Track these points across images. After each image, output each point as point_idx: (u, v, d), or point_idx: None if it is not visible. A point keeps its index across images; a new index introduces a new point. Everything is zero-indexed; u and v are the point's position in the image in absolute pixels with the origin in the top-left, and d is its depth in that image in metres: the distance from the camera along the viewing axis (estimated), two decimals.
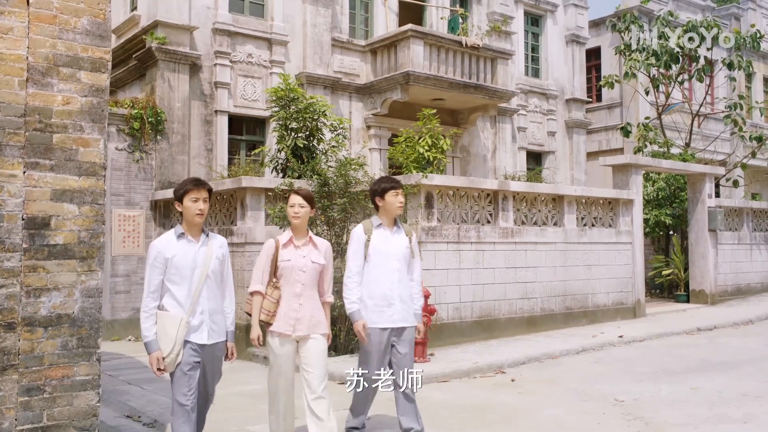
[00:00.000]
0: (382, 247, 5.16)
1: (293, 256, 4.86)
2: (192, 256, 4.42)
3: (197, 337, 4.41)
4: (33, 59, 4.39)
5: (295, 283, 4.84)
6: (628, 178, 13.58)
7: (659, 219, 16.77)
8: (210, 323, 4.46)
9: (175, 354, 4.32)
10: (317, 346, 4.87)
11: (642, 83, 19.71)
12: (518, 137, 19.18)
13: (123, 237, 12.45)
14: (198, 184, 4.48)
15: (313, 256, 4.91)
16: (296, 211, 4.88)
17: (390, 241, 5.20)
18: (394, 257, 5.17)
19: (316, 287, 4.95)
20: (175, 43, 13.08)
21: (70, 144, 4.52)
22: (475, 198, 10.83)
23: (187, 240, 4.48)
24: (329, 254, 5.06)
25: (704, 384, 7.82)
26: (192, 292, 4.39)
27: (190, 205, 4.43)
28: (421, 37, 14.95)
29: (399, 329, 5.16)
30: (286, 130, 11.56)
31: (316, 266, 4.89)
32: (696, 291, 15.64)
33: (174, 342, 4.31)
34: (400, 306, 5.15)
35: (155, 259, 4.42)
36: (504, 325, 10.88)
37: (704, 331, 12.00)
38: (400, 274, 5.18)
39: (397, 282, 5.15)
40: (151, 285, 4.41)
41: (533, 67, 20.00)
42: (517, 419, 6.43)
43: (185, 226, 4.51)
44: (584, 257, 12.32)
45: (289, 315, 4.81)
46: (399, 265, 5.18)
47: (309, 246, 4.93)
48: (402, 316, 5.15)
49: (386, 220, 5.25)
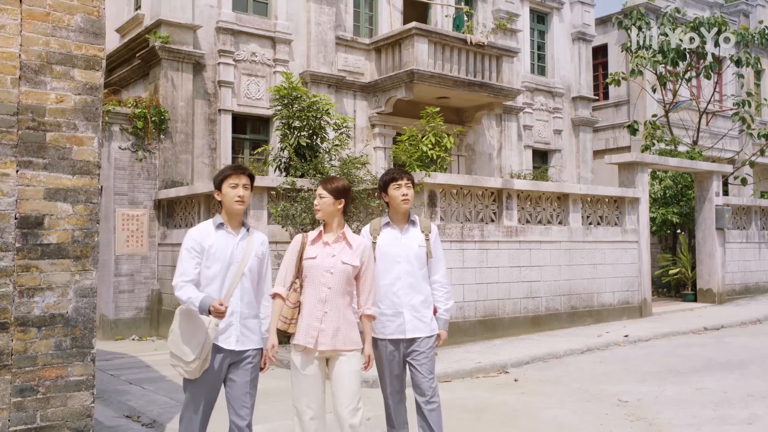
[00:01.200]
0: (388, 248, 4.51)
1: (320, 254, 4.14)
2: (230, 249, 4.01)
3: (225, 342, 3.95)
4: (26, 57, 4.35)
5: (320, 286, 4.10)
6: (634, 176, 13.47)
7: (666, 217, 16.65)
8: (240, 327, 3.99)
9: (201, 360, 3.82)
10: (346, 367, 4.08)
11: (649, 81, 19.58)
12: (524, 135, 19.07)
13: (126, 236, 12.45)
14: (238, 169, 4.10)
15: (345, 256, 4.14)
16: (316, 203, 4.24)
17: (399, 241, 4.53)
18: (404, 259, 4.49)
19: (347, 294, 4.18)
20: (179, 42, 13.06)
21: (63, 142, 4.49)
22: (479, 196, 10.76)
23: (227, 231, 4.06)
24: (368, 255, 4.25)
25: (710, 384, 7.72)
26: (224, 290, 3.96)
27: (229, 191, 4.03)
28: (426, 35, 14.87)
29: (410, 340, 4.47)
30: (289, 128, 11.53)
31: (346, 268, 4.12)
32: (703, 290, 15.51)
33: (202, 346, 3.81)
34: (410, 315, 4.45)
35: (192, 247, 3.98)
36: (508, 324, 10.81)
37: (711, 331, 11.89)
38: (411, 278, 4.47)
39: (406, 287, 4.46)
40: (186, 275, 3.93)
41: (539, 65, 19.89)
42: (517, 420, 6.36)
43: (225, 216, 4.10)
44: (590, 256, 12.23)
45: (312, 325, 4.07)
46: (409, 268, 4.48)
47: (341, 244, 4.18)
48: (413, 326, 4.46)
49: (396, 217, 4.60)
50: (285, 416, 6.13)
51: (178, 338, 3.87)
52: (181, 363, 3.86)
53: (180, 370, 3.90)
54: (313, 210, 9.81)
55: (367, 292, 4.22)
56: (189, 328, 3.86)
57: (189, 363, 3.82)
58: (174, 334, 3.91)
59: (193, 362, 3.81)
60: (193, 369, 3.83)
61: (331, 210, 4.18)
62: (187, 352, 3.81)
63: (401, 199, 4.50)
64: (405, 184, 4.51)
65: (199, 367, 3.84)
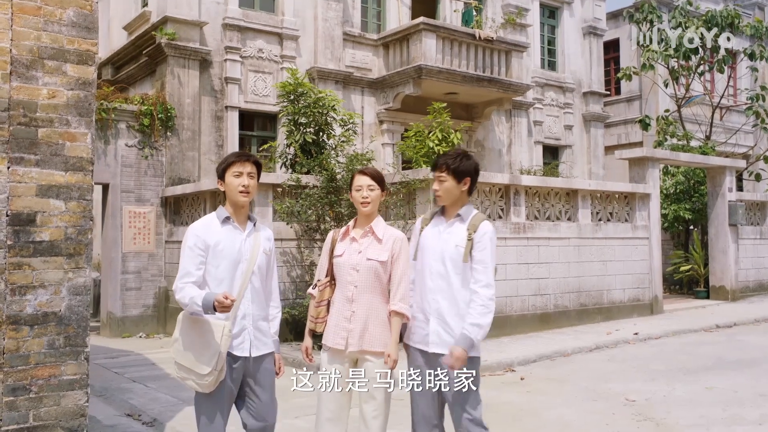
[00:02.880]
0: (426, 242, 3.88)
1: (346, 251, 3.87)
2: (238, 246, 3.66)
3: (238, 349, 3.62)
4: (17, 52, 4.30)
5: (347, 284, 3.83)
6: (645, 172, 13.29)
7: (678, 214, 16.44)
8: (253, 331, 3.68)
9: (218, 371, 3.48)
10: (372, 369, 3.80)
11: (661, 75, 19.33)
12: (534, 131, 18.90)
13: (133, 234, 12.43)
14: (242, 155, 3.72)
15: (372, 252, 3.82)
16: (365, 196, 3.81)
17: (440, 235, 3.85)
18: (438, 257, 3.80)
19: (378, 291, 3.84)
20: (185, 39, 13.01)
21: (56, 138, 4.43)
22: (486, 193, 10.64)
23: (233, 226, 3.71)
24: (399, 249, 3.86)
25: (720, 383, 7.57)
26: (234, 291, 3.61)
27: (233, 180, 3.65)
28: (434, 30, 14.75)
29: (434, 355, 3.77)
30: (295, 125, 11.46)
31: (372, 264, 3.80)
32: (716, 287, 15.30)
33: (217, 356, 3.45)
34: (436, 325, 3.76)
35: (195, 244, 3.61)
36: (515, 322, 10.69)
37: (723, 329, 11.70)
38: (442, 281, 3.77)
39: (436, 292, 3.78)
40: (188, 276, 3.57)
41: (549, 60, 19.70)
42: (521, 419, 6.25)
43: (230, 209, 3.73)
44: (599, 253, 12.08)
45: (340, 325, 3.82)
46: (441, 269, 3.78)
47: (369, 238, 3.86)
48: (438, 338, 3.75)
49: (445, 209, 3.94)
50: (289, 414, 6.05)
51: (187, 349, 3.52)
52: (193, 376, 3.51)
53: (191, 383, 3.54)
54: (318, 206, 9.76)
55: (396, 286, 3.83)
56: (200, 338, 3.50)
57: (204, 376, 3.47)
58: (181, 344, 3.56)
59: (209, 375, 3.46)
60: (209, 382, 3.48)
61: (378, 203, 3.89)
62: (201, 364, 3.47)
63: (435, 195, 3.90)
64: (437, 176, 3.84)
65: (215, 379, 3.49)
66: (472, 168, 3.82)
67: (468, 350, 3.61)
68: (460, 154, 3.84)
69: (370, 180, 3.84)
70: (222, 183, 3.73)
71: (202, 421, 3.63)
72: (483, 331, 3.65)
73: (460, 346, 3.59)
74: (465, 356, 3.59)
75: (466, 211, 3.83)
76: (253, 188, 3.70)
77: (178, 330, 3.61)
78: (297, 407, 6.11)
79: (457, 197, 3.82)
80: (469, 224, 3.77)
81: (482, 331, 3.65)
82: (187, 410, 6.63)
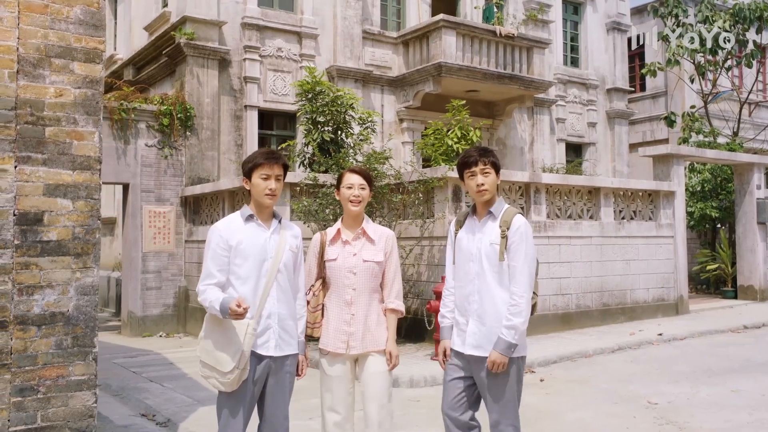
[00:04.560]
0: (463, 243, 3.81)
1: (340, 255, 3.85)
2: (262, 244, 3.60)
3: (262, 348, 3.56)
4: (23, 50, 4.27)
5: (345, 288, 3.83)
6: (670, 169, 13.02)
7: (705, 212, 16.11)
8: (279, 330, 3.60)
9: (240, 369, 3.43)
10: (375, 367, 3.82)
11: (687, 71, 18.96)
12: (557, 129, 18.66)
13: (153, 233, 12.47)
14: (270, 158, 3.62)
15: (367, 254, 3.84)
16: (356, 194, 3.81)
17: (474, 235, 3.77)
18: (474, 258, 3.72)
19: (375, 291, 3.88)
20: (204, 39, 13.03)
21: (63, 137, 4.40)
22: (505, 191, 10.48)
23: (257, 224, 3.65)
24: (391, 247, 3.91)
25: (746, 386, 7.35)
26: (260, 290, 3.57)
27: (260, 183, 3.58)
28: (454, 27, 14.61)
29: (475, 359, 3.69)
30: (313, 123, 11.40)
31: (370, 266, 3.82)
32: (744, 286, 14.96)
33: (240, 354, 3.41)
34: (476, 327, 3.68)
35: (217, 245, 3.56)
36: (536, 322, 10.49)
37: (751, 329, 11.41)
38: (480, 281, 3.68)
39: (475, 293, 3.69)
40: (210, 278, 3.55)
41: (572, 57, 19.43)
42: (539, 422, 6.11)
43: (254, 208, 3.68)
44: (622, 252, 11.85)
45: (340, 329, 3.82)
46: (478, 269, 3.69)
47: (362, 240, 3.86)
48: (476, 341, 3.67)
49: (477, 207, 3.84)
50: (302, 415, 5.98)
51: (211, 347, 3.48)
52: (215, 374, 3.47)
53: (214, 382, 3.49)
54: (335, 205, 9.68)
55: (390, 284, 3.90)
56: (223, 335, 3.47)
57: (226, 374, 3.42)
58: (206, 343, 3.52)
59: (231, 373, 3.41)
60: (231, 380, 3.43)
61: (366, 202, 3.92)
62: (224, 361, 3.42)
63: (476, 191, 3.73)
64: (481, 170, 3.71)
65: (238, 378, 3.44)
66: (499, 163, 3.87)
67: (505, 353, 3.57)
68: (489, 149, 3.85)
69: (361, 179, 3.85)
70: (248, 181, 3.66)
71: (222, 421, 3.57)
72: (518, 331, 3.58)
73: (496, 351, 3.58)
74: (503, 360, 3.57)
75: (497, 207, 3.76)
76: (279, 190, 3.65)
77: (204, 329, 3.58)
78: (311, 408, 6.04)
79: (495, 192, 3.80)
80: (501, 220, 3.69)
81: (517, 332, 3.58)
82: (202, 411, 6.61)
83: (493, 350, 3.59)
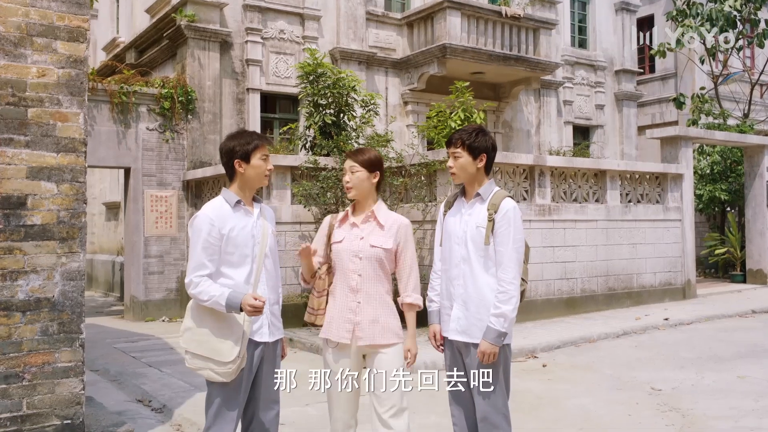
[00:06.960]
0: (450, 224, 3.67)
1: (346, 237, 3.61)
2: (250, 229, 3.46)
3: (258, 335, 3.44)
4: (4, 29, 4.14)
5: (350, 273, 3.56)
6: (678, 152, 12.81)
7: (714, 195, 15.89)
8: (270, 316, 3.49)
9: (240, 358, 3.30)
10: (387, 363, 3.53)
11: (697, 51, 18.63)
12: (564, 111, 18.41)
13: (155, 218, 12.39)
14: (263, 138, 3.54)
15: (375, 238, 3.56)
16: (347, 180, 3.61)
17: (462, 217, 3.62)
18: (460, 240, 3.58)
19: (383, 280, 3.60)
20: (205, 21, 12.85)
21: (46, 118, 4.28)
22: (509, 174, 10.33)
23: (245, 210, 3.49)
24: (404, 235, 3.62)
25: (753, 372, 7.21)
26: (252, 276, 3.43)
27: (261, 164, 3.45)
28: (458, 7, 14.36)
29: (463, 345, 3.59)
30: (314, 106, 11.25)
31: (376, 252, 3.55)
32: (753, 270, 14.76)
33: (240, 343, 3.29)
34: (460, 311, 3.57)
35: (209, 234, 3.35)
36: (540, 306, 10.39)
37: (759, 314, 11.24)
38: (466, 265, 3.55)
39: (460, 277, 3.57)
40: (201, 269, 3.34)
41: (580, 38, 19.12)
42: (539, 409, 6.01)
43: (240, 192, 3.49)
44: (629, 235, 11.68)
45: (345, 317, 3.55)
46: (464, 253, 3.56)
47: (371, 224, 3.61)
48: (459, 326, 3.57)
49: (466, 188, 3.69)
50: (298, 402, 5.90)
51: (204, 337, 3.31)
52: (212, 364, 3.28)
53: (209, 373, 3.31)
54: (336, 189, 9.55)
55: (406, 277, 3.61)
56: (219, 324, 3.32)
57: (227, 363, 3.26)
58: (199, 332, 3.33)
59: (233, 362, 3.26)
60: (232, 370, 3.28)
61: (365, 186, 3.58)
62: (225, 350, 3.26)
63: (449, 172, 3.65)
64: (452, 153, 3.60)
65: (238, 367, 3.30)
66: (488, 144, 3.59)
67: (495, 342, 3.42)
68: (476, 129, 3.61)
69: (351, 162, 3.60)
70: (243, 164, 3.45)
71: (214, 410, 3.39)
72: (506, 319, 3.42)
73: (486, 340, 3.43)
74: (493, 350, 3.43)
75: (486, 189, 3.58)
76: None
77: (190, 318, 3.39)
78: (308, 394, 5.91)
79: (474, 175, 3.58)
80: (489, 203, 3.53)
81: (506, 320, 3.42)
82: (198, 396, 6.53)
83: (483, 340, 3.44)
